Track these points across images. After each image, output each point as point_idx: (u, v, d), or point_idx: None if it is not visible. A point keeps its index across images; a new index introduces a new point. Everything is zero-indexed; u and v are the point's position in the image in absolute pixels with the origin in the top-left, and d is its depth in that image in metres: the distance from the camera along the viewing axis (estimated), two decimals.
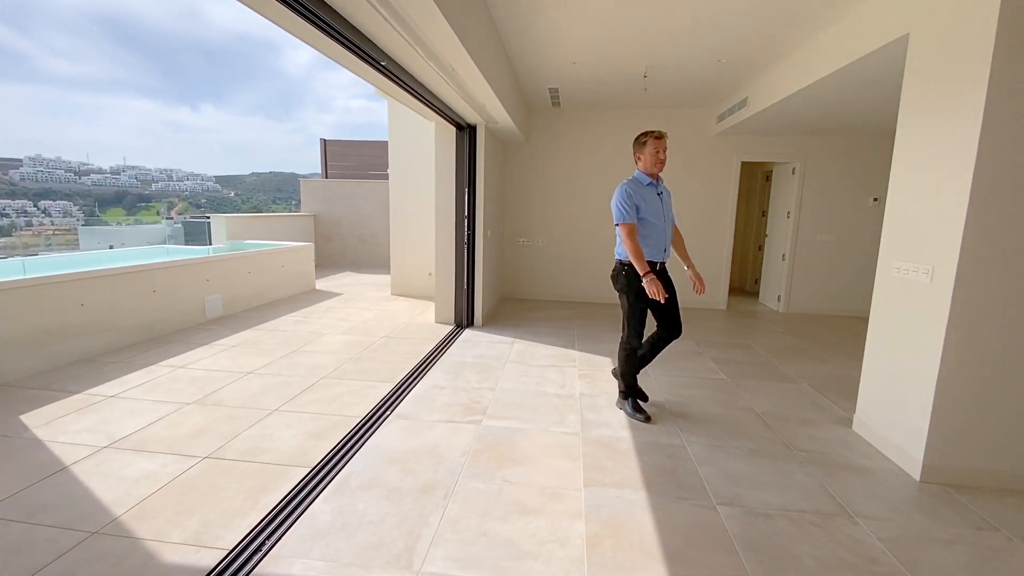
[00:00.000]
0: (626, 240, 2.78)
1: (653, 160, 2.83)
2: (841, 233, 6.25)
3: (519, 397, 3.31)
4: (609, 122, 6.36)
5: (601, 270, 6.66)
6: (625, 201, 2.78)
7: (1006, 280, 2.22)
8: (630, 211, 2.78)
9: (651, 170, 2.86)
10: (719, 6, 3.14)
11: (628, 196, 2.79)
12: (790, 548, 1.89)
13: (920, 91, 2.56)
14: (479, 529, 1.95)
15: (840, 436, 2.87)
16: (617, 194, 2.83)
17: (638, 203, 2.81)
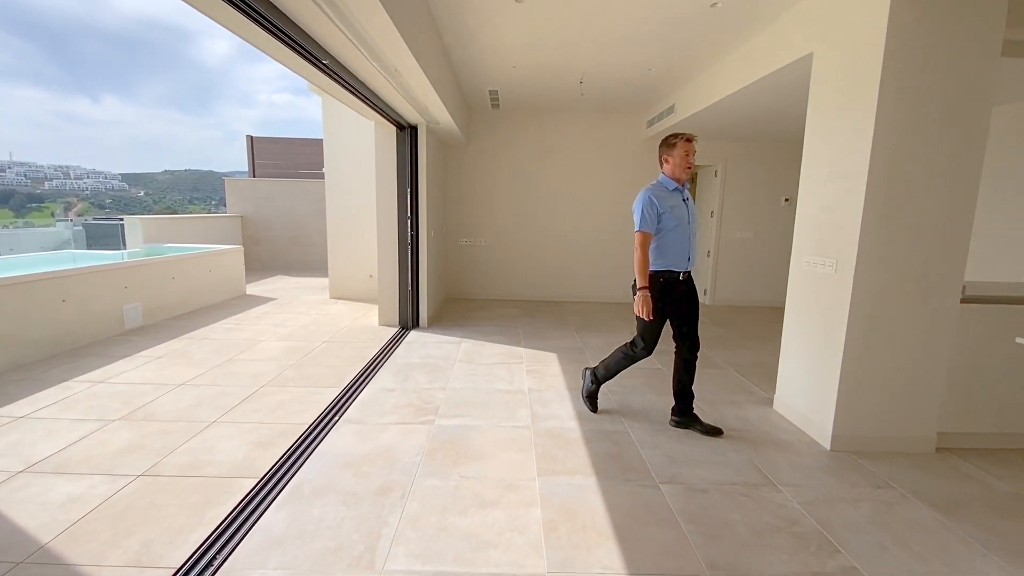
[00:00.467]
0: (636, 248, 2.66)
1: (682, 164, 2.68)
2: (758, 230, 6.82)
3: (470, 395, 3.36)
4: (548, 124, 6.54)
5: (545, 268, 6.84)
6: (648, 209, 2.64)
7: (896, 271, 2.56)
8: (651, 220, 2.64)
9: (678, 175, 2.69)
10: (649, 23, 3.36)
11: (652, 204, 2.64)
12: (724, 517, 2.08)
13: (823, 104, 2.88)
14: (439, 525, 1.99)
15: (763, 415, 3.17)
16: (641, 200, 2.68)
17: (663, 211, 2.65)
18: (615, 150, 6.60)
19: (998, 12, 2.38)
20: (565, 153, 6.62)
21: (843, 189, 2.67)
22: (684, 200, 2.73)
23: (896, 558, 1.86)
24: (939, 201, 2.51)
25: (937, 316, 2.60)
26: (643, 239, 2.64)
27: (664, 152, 2.74)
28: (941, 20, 2.37)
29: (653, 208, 2.64)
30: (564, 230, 6.79)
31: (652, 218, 2.64)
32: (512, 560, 1.80)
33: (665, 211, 2.65)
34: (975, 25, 2.38)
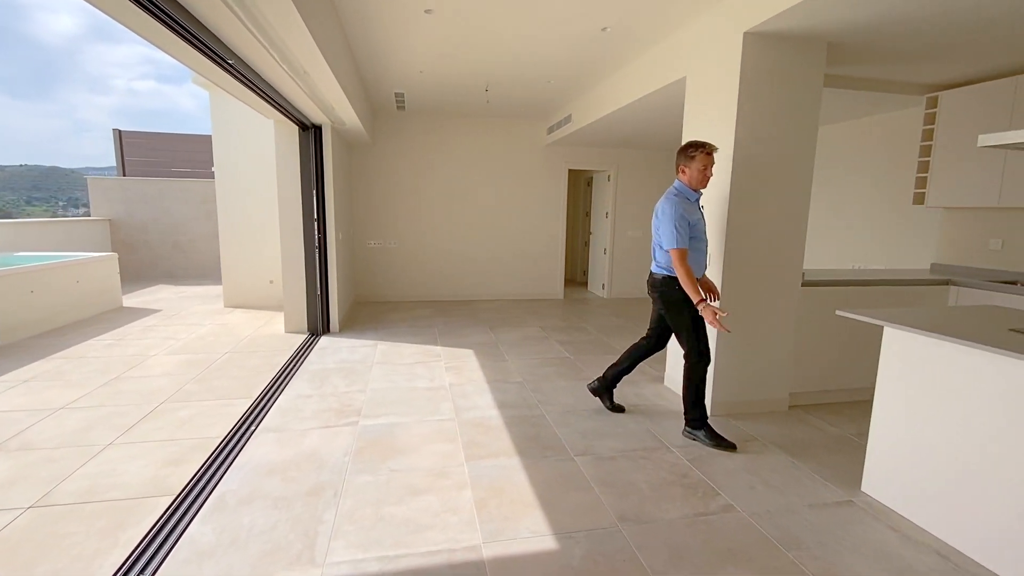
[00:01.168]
0: (679, 267, 2.60)
1: (700, 177, 2.67)
2: (646, 230, 7.55)
3: (392, 395, 3.43)
4: (454, 127, 6.69)
5: (455, 268, 6.97)
6: (680, 225, 2.59)
7: (753, 263, 3.09)
8: (685, 236, 2.60)
9: (696, 186, 2.70)
10: (548, 41, 3.65)
11: (684, 220, 2.60)
12: (629, 478, 2.41)
13: (695, 119, 3.37)
14: (376, 516, 2.08)
15: (656, 391, 3.62)
16: (669, 213, 2.62)
17: (691, 221, 2.65)
18: (519, 154, 6.94)
19: (820, 53, 2.98)
20: (472, 156, 6.82)
21: (712, 194, 3.15)
22: (701, 209, 2.79)
23: (761, 494, 2.30)
24: (782, 203, 3.08)
25: (785, 299, 3.18)
26: (682, 256, 2.60)
27: (682, 162, 2.71)
28: (779, 58, 2.92)
29: (684, 223, 2.61)
30: (473, 230, 6.99)
31: (685, 233, 2.61)
32: (449, 537, 1.95)
33: (693, 219, 2.67)
34: (804, 62, 2.96)
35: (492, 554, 1.86)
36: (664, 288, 2.78)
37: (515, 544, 1.92)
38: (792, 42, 2.92)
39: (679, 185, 2.74)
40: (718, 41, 3.06)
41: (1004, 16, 2.60)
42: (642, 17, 3.26)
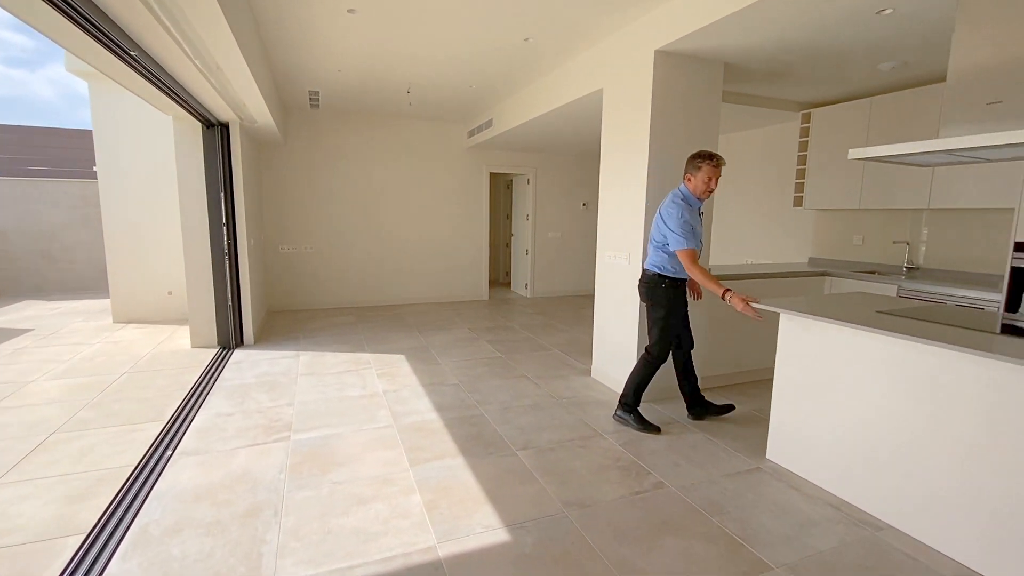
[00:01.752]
0: (693, 267, 2.71)
1: (704, 187, 2.77)
2: (564, 231, 7.88)
3: (323, 406, 3.31)
4: (374, 127, 6.52)
5: (377, 272, 6.80)
6: (685, 228, 2.71)
7: None
8: (690, 236, 2.72)
9: (699, 195, 2.80)
10: (471, 48, 3.71)
11: (687, 222, 2.72)
12: (569, 465, 2.56)
13: (612, 129, 3.62)
14: (323, 529, 2.03)
15: (585, 383, 3.83)
16: (675, 216, 2.74)
17: (694, 224, 2.77)
18: (441, 157, 6.92)
19: (719, 71, 3.33)
20: (393, 157, 6.69)
21: (630, 197, 3.41)
22: (700, 214, 2.89)
23: (686, 470, 2.54)
24: None
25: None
26: (692, 255, 2.72)
27: (689, 170, 2.80)
28: (685, 75, 3.23)
29: (690, 226, 2.73)
30: (395, 233, 6.86)
31: (690, 234, 2.72)
32: (403, 541, 1.96)
33: (696, 223, 2.80)
34: (706, 79, 3.30)
35: (448, 552, 1.90)
36: (652, 285, 2.92)
37: (470, 540, 1.97)
38: (696, 61, 3.24)
39: (684, 191, 2.83)
40: (632, 57, 3.32)
41: (858, 47, 3.09)
42: (563, 30, 3.43)
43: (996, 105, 1.91)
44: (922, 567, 1.85)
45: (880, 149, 2.21)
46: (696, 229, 2.78)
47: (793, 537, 2.02)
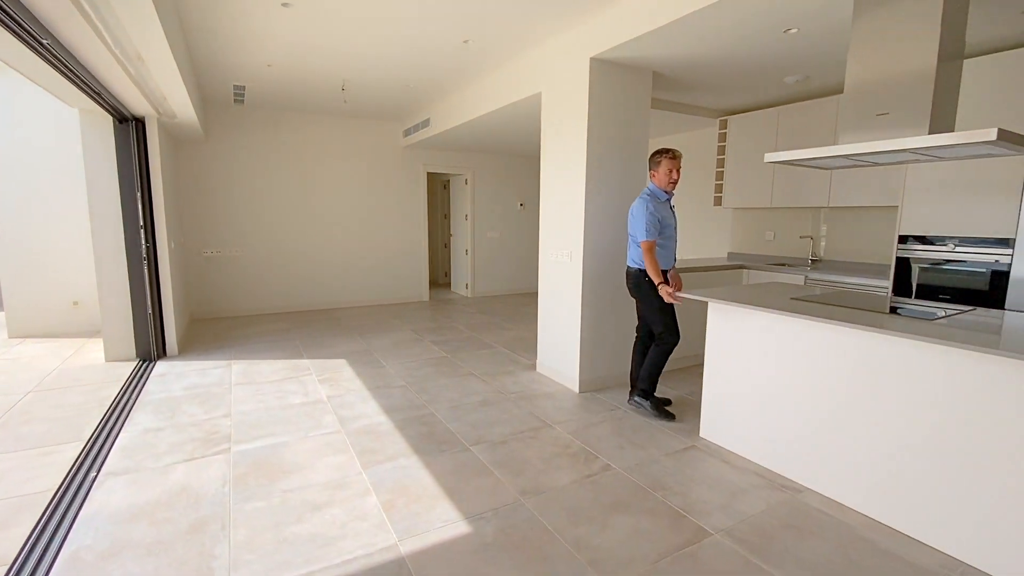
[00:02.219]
0: (647, 255, 2.93)
1: (666, 179, 2.99)
2: (503, 230, 7.99)
3: (264, 415, 3.17)
4: (307, 125, 6.27)
5: (312, 276, 6.55)
6: (651, 220, 2.92)
7: (603, 257, 3.57)
8: (654, 229, 2.92)
9: (664, 187, 3.02)
10: (409, 47, 3.70)
11: (654, 216, 2.92)
12: (522, 456, 2.65)
13: (551, 131, 3.75)
14: (278, 538, 1.98)
15: (531, 377, 3.95)
16: (641, 212, 2.95)
17: (660, 218, 2.96)
18: (377, 156, 6.79)
19: (648, 79, 3.56)
20: (326, 156, 6.47)
21: (571, 197, 3.56)
22: (671, 208, 3.11)
23: (630, 452, 2.71)
24: (623, 204, 3.61)
25: None
26: (650, 247, 2.94)
27: (652, 168, 3.07)
28: (618, 82, 3.42)
29: (655, 220, 2.93)
30: (330, 235, 6.64)
31: (655, 227, 2.94)
32: (363, 543, 1.95)
33: (664, 216, 3.00)
34: (637, 86, 3.51)
35: (410, 549, 1.92)
36: (638, 279, 3.10)
37: (430, 535, 2.00)
38: (628, 69, 3.44)
39: (651, 187, 3.06)
40: (569, 63, 3.46)
41: (767, 62, 3.42)
42: (502, 34, 3.51)
43: (884, 116, 2.22)
44: (835, 521, 2.11)
45: (790, 154, 2.48)
46: (665, 221, 3.01)
47: (727, 505, 2.23)
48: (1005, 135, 1.82)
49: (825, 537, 2.01)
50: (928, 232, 3.21)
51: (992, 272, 2.95)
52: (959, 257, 3.08)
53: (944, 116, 2.12)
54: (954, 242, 3.09)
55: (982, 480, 1.80)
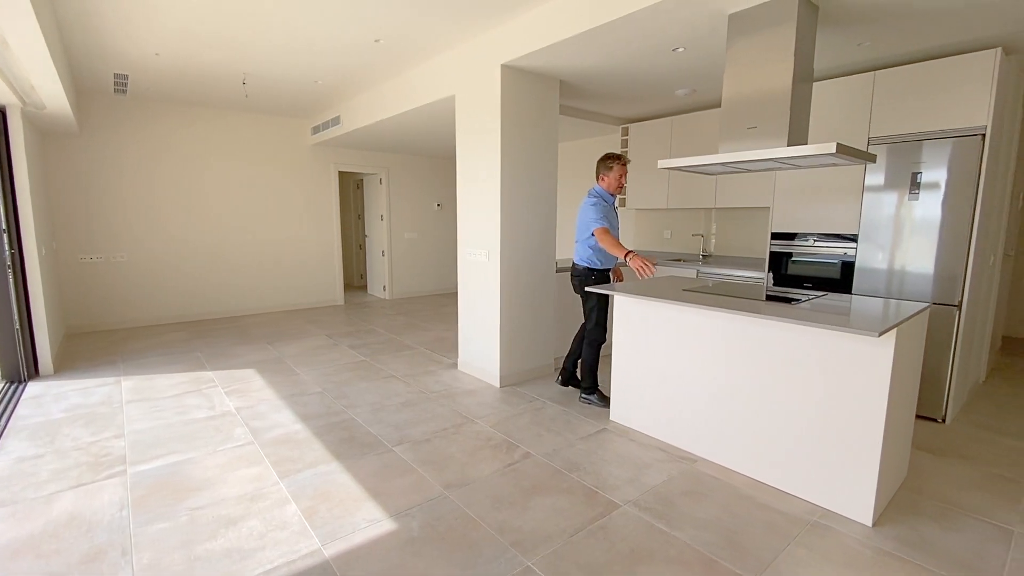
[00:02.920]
0: (605, 238, 3.07)
1: (616, 184, 3.22)
2: (421, 231, 7.95)
3: (164, 432, 2.95)
4: (203, 119, 5.80)
5: (213, 282, 6.09)
6: (600, 213, 3.14)
7: (520, 255, 3.73)
8: (603, 219, 3.13)
9: (612, 191, 3.25)
10: (318, 42, 3.60)
11: (602, 211, 3.15)
12: (446, 452, 2.71)
13: (466, 133, 3.84)
14: (189, 557, 1.88)
15: (453, 376, 4.01)
16: (591, 208, 3.17)
17: (606, 214, 3.18)
18: (283, 154, 6.45)
19: (555, 87, 3.76)
20: (226, 153, 6.03)
21: (487, 198, 3.67)
22: (615, 210, 3.33)
23: (548, 439, 2.88)
24: (536, 205, 3.79)
25: (544, 283, 3.93)
26: (604, 231, 3.11)
27: (602, 171, 3.23)
28: (529, 88, 3.58)
29: (601, 211, 3.16)
30: (233, 238, 6.21)
31: (603, 218, 3.15)
32: (285, 551, 1.92)
33: (610, 215, 3.21)
34: (546, 93, 3.70)
35: (335, 551, 1.92)
36: (582, 276, 3.32)
37: (356, 536, 2.01)
38: (537, 77, 3.62)
39: (599, 189, 3.26)
40: (481, 68, 3.57)
41: (660, 76, 3.76)
42: (413, 36, 3.54)
43: (753, 129, 2.56)
44: (724, 484, 2.41)
45: (678, 161, 2.78)
46: (612, 221, 3.25)
47: (634, 479, 2.45)
48: (842, 148, 2.19)
49: (715, 499, 2.29)
50: (793, 230, 3.71)
51: (842, 263, 3.48)
52: (818, 251, 3.60)
53: (799, 130, 2.50)
54: (814, 238, 3.61)
55: (837, 438, 2.15)
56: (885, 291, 3.28)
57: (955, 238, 3.00)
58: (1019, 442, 2.88)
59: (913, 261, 3.16)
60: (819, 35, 2.85)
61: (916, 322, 2.22)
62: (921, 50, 3.11)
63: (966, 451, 2.76)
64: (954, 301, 3.03)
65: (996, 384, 3.87)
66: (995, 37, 2.87)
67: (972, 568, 1.85)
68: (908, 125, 3.15)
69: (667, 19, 2.67)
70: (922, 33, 2.86)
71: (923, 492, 2.35)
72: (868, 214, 3.31)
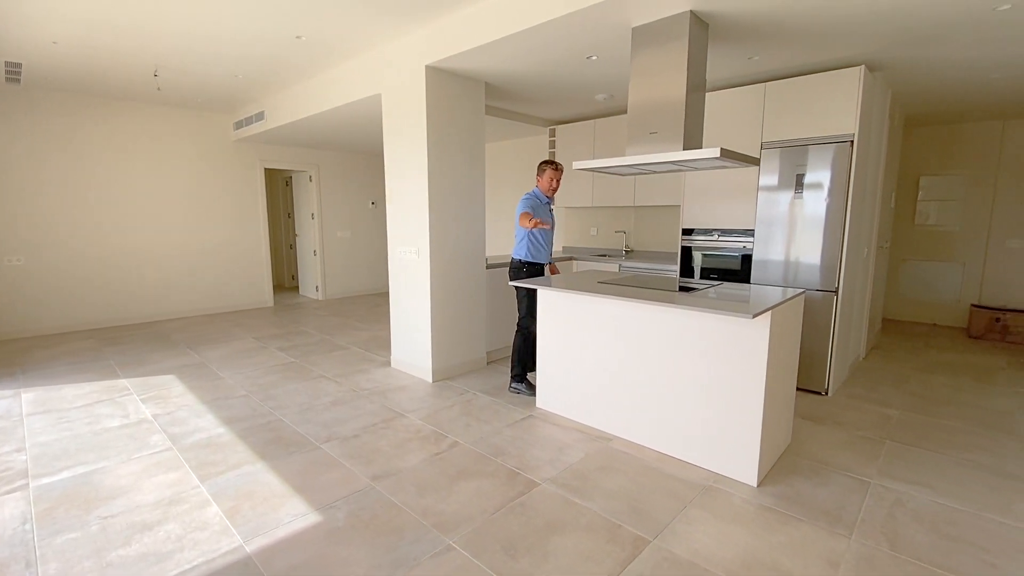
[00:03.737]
0: (523, 218, 3.35)
1: (547, 186, 3.51)
2: (355, 229, 7.82)
3: (72, 443, 2.80)
4: (112, 113, 5.41)
5: (126, 286, 5.71)
6: (527, 206, 3.43)
7: (450, 251, 3.82)
8: (528, 209, 3.42)
9: (545, 192, 3.52)
10: (238, 37, 3.51)
11: (529, 205, 3.43)
12: (375, 446, 2.77)
13: (393, 131, 3.87)
14: (101, 564, 1.84)
15: (386, 373, 4.04)
16: (522, 203, 3.46)
17: (536, 213, 3.44)
18: (203, 150, 6.15)
19: (480, 89, 3.88)
20: (141, 149, 5.67)
21: (415, 196, 3.73)
22: (550, 210, 3.60)
23: (476, 428, 3.00)
24: (465, 203, 3.90)
25: (475, 279, 4.04)
26: (523, 213, 3.38)
27: (538, 173, 3.55)
28: (454, 89, 3.67)
29: (528, 205, 3.43)
30: (148, 238, 5.85)
31: (527, 208, 3.42)
32: (206, 550, 1.92)
33: (541, 216, 3.47)
34: (471, 94, 3.81)
35: (257, 546, 1.94)
36: (515, 269, 3.59)
37: (279, 530, 2.04)
38: (462, 79, 3.72)
39: (535, 191, 3.54)
40: (407, 68, 3.62)
41: (579, 81, 3.97)
42: (337, 34, 3.53)
43: (655, 134, 2.80)
44: (633, 459, 2.63)
45: (590, 162, 2.98)
46: (539, 213, 3.50)
47: (554, 459, 2.63)
48: (726, 152, 2.46)
49: (625, 472, 2.50)
50: (700, 226, 4.05)
51: (742, 256, 3.85)
52: (721, 245, 3.95)
53: (694, 135, 2.76)
54: (717, 233, 3.96)
55: (726, 411, 2.42)
56: (782, 280, 3.66)
57: (833, 232, 3.41)
58: (885, 408, 3.33)
59: (803, 253, 3.55)
60: (713, 50, 3.15)
61: (791, 306, 2.53)
62: (801, 65, 3.50)
63: (841, 418, 3.16)
64: (832, 288, 3.45)
65: (874, 360, 4.41)
66: (859, 56, 3.29)
67: (834, 514, 2.16)
68: (794, 132, 3.54)
69: (579, 29, 2.86)
70: (797, 51, 3.22)
71: (801, 455, 2.68)
72: (762, 211, 3.68)
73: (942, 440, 2.87)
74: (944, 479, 2.45)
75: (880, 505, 2.23)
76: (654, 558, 1.89)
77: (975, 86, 3.98)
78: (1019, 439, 2.88)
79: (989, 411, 3.28)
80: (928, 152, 5.65)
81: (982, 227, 5.41)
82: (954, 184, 5.52)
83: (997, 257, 5.36)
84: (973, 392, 3.62)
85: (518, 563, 1.86)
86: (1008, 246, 5.30)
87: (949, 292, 5.68)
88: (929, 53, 3.24)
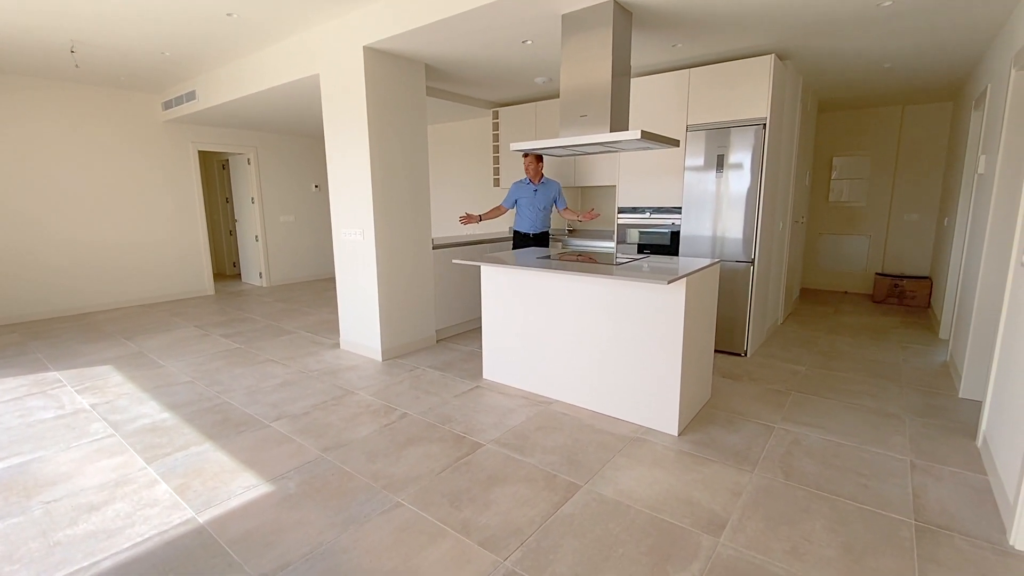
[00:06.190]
0: (491, 211, 4.45)
1: (525, 171, 4.34)
2: (298, 214, 7.66)
3: (2, 436, 2.72)
4: (25, 92, 5.01)
5: (52, 276, 5.39)
6: (509, 196, 4.45)
7: (396, 232, 3.89)
8: (509, 200, 4.44)
9: (529, 176, 4.34)
10: (164, 13, 3.37)
11: (512, 192, 4.43)
12: (325, 421, 2.86)
13: (333, 112, 3.86)
14: (48, 544, 1.86)
15: (335, 355, 4.09)
16: (510, 191, 4.43)
17: (517, 196, 4.41)
18: (129, 131, 5.82)
19: (421, 70, 3.92)
20: (60, 132, 5.30)
21: (357, 177, 3.76)
22: (534, 191, 4.37)
23: (424, 400, 3.14)
24: (409, 184, 3.97)
25: (423, 259, 4.13)
26: (498, 208, 4.46)
27: (523, 162, 4.32)
28: (394, 70, 3.70)
29: (512, 195, 4.43)
30: (74, 227, 5.52)
31: (510, 200, 4.44)
32: (156, 524, 1.98)
33: (520, 196, 4.40)
34: (411, 76, 3.85)
35: (210, 516, 2.02)
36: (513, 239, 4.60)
37: (232, 501, 2.12)
38: (401, 60, 3.75)
39: (525, 178, 4.40)
40: (344, 48, 3.61)
41: (518, 65, 4.09)
42: (270, 12, 3.46)
43: (584, 117, 2.98)
44: (571, 418, 2.86)
45: (524, 144, 3.12)
46: (521, 198, 4.41)
47: (498, 423, 2.81)
48: (646, 134, 2.67)
49: (563, 430, 2.72)
50: (634, 204, 4.30)
51: (671, 232, 4.14)
52: (652, 222, 4.22)
53: (620, 118, 2.96)
54: (650, 211, 4.23)
55: (650, 370, 2.67)
56: (709, 254, 3.97)
57: (750, 208, 3.73)
58: (794, 365, 3.73)
59: (727, 228, 3.86)
60: (639, 37, 3.35)
61: (706, 274, 2.80)
62: (720, 53, 3.76)
63: (755, 375, 3.53)
64: (750, 259, 3.79)
65: (790, 325, 4.87)
66: (771, 45, 3.59)
67: (741, 455, 2.47)
68: (715, 115, 3.82)
69: (511, 15, 2.97)
70: (716, 39, 3.47)
71: (718, 407, 3.00)
72: (688, 190, 3.97)
73: (837, 389, 3.27)
74: (835, 420, 2.83)
75: (780, 445, 2.56)
76: (584, 499, 2.11)
77: (873, 75, 4.41)
78: (900, 384, 3.33)
79: (879, 363, 3.74)
80: (839, 134, 6.17)
81: (885, 202, 6.01)
82: (862, 164, 6.08)
83: (897, 229, 5.98)
84: (869, 348, 4.10)
85: (462, 512, 2.03)
86: (906, 219, 5.91)
87: (858, 262, 6.28)
88: (829, 44, 3.57)
